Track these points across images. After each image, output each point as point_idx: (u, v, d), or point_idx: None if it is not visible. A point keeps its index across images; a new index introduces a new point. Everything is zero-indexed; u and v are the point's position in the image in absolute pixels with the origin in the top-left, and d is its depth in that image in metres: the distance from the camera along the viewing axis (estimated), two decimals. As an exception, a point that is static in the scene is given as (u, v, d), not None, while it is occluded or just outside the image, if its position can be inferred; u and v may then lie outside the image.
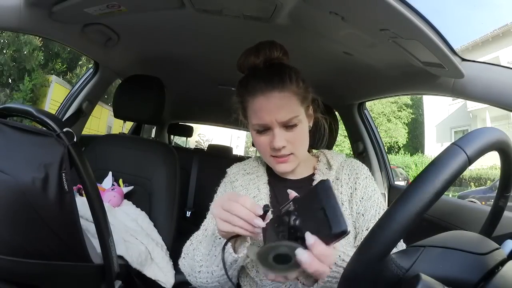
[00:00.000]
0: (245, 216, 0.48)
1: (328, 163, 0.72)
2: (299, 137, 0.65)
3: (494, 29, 11.07)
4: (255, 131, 0.66)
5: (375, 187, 0.69)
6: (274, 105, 0.61)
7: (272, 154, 0.65)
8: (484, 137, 0.35)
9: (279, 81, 0.62)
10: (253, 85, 0.63)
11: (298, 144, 0.65)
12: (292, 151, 0.65)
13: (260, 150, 0.67)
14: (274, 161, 0.66)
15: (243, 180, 0.74)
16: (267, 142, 0.64)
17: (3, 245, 0.53)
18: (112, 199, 1.06)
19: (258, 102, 0.62)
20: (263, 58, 0.65)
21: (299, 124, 0.64)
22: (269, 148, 0.64)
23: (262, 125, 0.63)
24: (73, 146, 0.60)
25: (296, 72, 0.65)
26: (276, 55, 0.66)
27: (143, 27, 1.07)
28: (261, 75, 0.63)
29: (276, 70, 0.64)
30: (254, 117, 0.64)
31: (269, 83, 0.61)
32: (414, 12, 0.61)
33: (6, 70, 6.84)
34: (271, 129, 0.63)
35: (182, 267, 0.68)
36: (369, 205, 0.65)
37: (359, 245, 0.36)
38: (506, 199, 0.46)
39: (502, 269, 0.36)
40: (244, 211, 0.49)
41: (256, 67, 0.65)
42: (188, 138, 2.82)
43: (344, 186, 0.68)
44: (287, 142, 0.63)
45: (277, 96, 0.61)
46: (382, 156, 1.53)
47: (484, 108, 11.13)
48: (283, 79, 0.62)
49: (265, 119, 0.62)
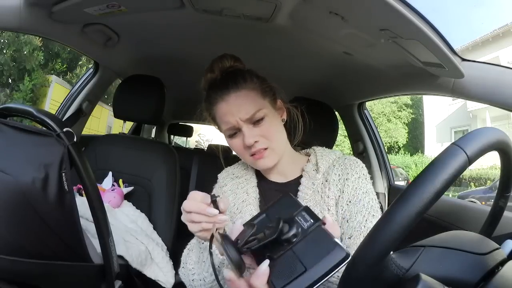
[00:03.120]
0: (197, 209, 0.49)
1: (316, 164, 0.69)
2: (269, 130, 0.65)
3: (494, 29, 11.07)
4: (228, 137, 0.68)
5: (367, 189, 0.64)
6: (233, 105, 0.64)
7: (249, 154, 0.66)
8: (484, 137, 0.35)
9: (233, 84, 0.65)
10: (213, 96, 0.66)
11: (271, 137, 0.65)
12: (267, 145, 0.65)
13: (238, 153, 0.68)
14: (253, 159, 0.66)
15: (232, 184, 0.74)
16: (240, 143, 0.65)
17: (3, 245, 0.53)
18: (112, 200, 1.06)
19: (220, 108, 0.65)
20: (218, 71, 0.68)
21: (265, 117, 0.65)
22: (243, 149, 0.65)
23: (230, 128, 0.65)
24: (73, 146, 0.60)
25: (250, 71, 0.69)
26: (228, 64, 0.69)
27: (143, 27, 1.07)
28: (217, 85, 0.67)
29: (229, 75, 0.67)
30: (221, 123, 0.67)
31: (225, 88, 0.65)
32: (414, 12, 0.61)
33: (6, 70, 6.84)
34: (239, 130, 0.65)
35: (182, 277, 0.68)
36: (356, 210, 0.61)
37: (359, 245, 0.36)
38: (506, 199, 0.46)
39: (502, 269, 0.36)
40: (195, 204, 0.49)
41: (214, 80, 0.68)
42: (188, 138, 2.82)
43: (333, 188, 0.64)
44: (259, 137, 0.64)
45: (234, 96, 0.64)
46: (382, 156, 1.53)
47: (484, 108, 11.13)
48: (236, 80, 0.65)
49: (230, 121, 0.64)
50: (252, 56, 1.23)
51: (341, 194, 0.64)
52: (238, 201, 0.70)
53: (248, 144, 0.63)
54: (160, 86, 1.20)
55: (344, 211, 0.62)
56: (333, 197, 0.64)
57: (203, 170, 2.02)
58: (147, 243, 0.98)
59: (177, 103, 2.15)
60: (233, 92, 0.64)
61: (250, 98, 0.65)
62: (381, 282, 0.36)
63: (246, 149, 0.65)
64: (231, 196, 0.71)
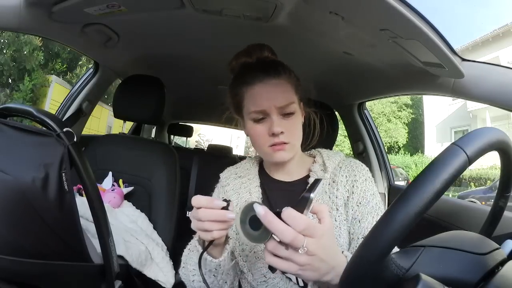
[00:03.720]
0: (217, 217, 0.49)
1: (323, 164, 0.70)
2: (295, 127, 0.66)
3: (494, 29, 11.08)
4: (252, 121, 0.65)
5: (374, 191, 0.67)
6: (271, 90, 0.63)
7: (270, 143, 0.64)
8: (484, 137, 0.35)
9: (274, 70, 0.65)
10: (249, 76, 0.65)
11: (294, 134, 0.66)
12: (289, 139, 0.64)
13: (257, 141, 0.66)
14: (272, 150, 0.65)
15: (234, 184, 0.73)
16: (265, 130, 0.64)
17: (3, 244, 0.53)
18: (112, 200, 1.06)
19: (256, 89, 0.64)
20: (255, 58, 0.68)
21: (295, 113, 0.65)
22: (267, 137, 0.64)
23: (260, 111, 0.63)
24: (73, 146, 0.60)
25: (287, 65, 0.69)
26: (266, 54, 0.69)
27: (143, 27, 1.07)
28: (257, 67, 0.66)
29: (269, 63, 0.67)
30: (252, 104, 0.64)
31: (265, 72, 0.64)
32: (414, 12, 0.61)
33: (6, 70, 6.84)
34: (268, 116, 0.63)
35: (182, 276, 0.68)
36: (366, 211, 0.63)
37: (359, 245, 0.36)
38: (506, 199, 0.46)
39: (502, 269, 0.36)
40: (214, 213, 0.49)
41: (250, 64, 0.68)
42: (188, 138, 2.82)
43: (341, 189, 0.66)
44: (285, 129, 0.63)
45: (274, 83, 0.63)
46: (382, 156, 1.53)
47: (484, 108, 11.13)
48: (277, 69, 0.65)
49: (263, 105, 0.63)
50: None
51: (350, 195, 0.65)
52: (241, 201, 0.70)
53: (275, 132, 0.62)
54: (160, 86, 1.20)
55: (355, 212, 0.64)
56: (341, 198, 0.65)
57: (203, 170, 2.02)
58: (147, 243, 0.98)
59: (177, 103, 2.15)
60: (274, 78, 0.64)
61: (288, 89, 0.65)
62: (381, 282, 0.36)
63: (268, 138, 0.64)
64: (234, 196, 0.71)
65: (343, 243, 0.63)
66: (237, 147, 15.37)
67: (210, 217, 0.49)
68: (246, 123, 0.67)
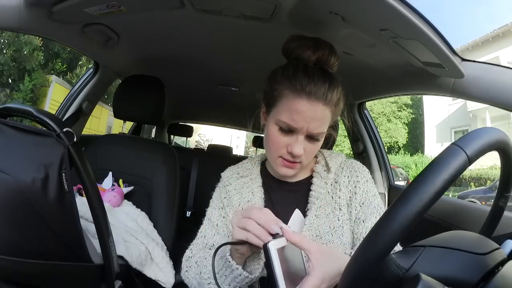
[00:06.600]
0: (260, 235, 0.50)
1: (326, 165, 0.70)
2: (315, 149, 0.64)
3: (494, 29, 11.09)
4: (276, 126, 0.62)
5: (375, 192, 0.68)
6: (313, 114, 0.59)
7: (283, 156, 0.63)
8: (484, 137, 0.35)
9: (327, 93, 0.59)
10: (301, 83, 0.59)
11: (311, 156, 0.65)
12: (303, 161, 0.64)
13: (272, 147, 0.64)
14: (281, 163, 0.64)
15: (236, 183, 0.72)
16: (285, 142, 0.62)
17: (3, 245, 0.53)
18: (112, 199, 1.06)
19: (299, 104, 0.58)
20: (318, 58, 0.62)
21: (320, 139, 0.63)
22: (284, 150, 0.62)
23: (291, 126, 0.60)
24: (73, 146, 0.60)
25: (340, 88, 0.62)
26: (331, 62, 0.63)
27: (143, 27, 1.07)
28: (313, 76, 0.59)
29: (328, 78, 0.60)
30: (286, 115, 0.60)
31: (318, 90, 0.58)
32: (414, 12, 0.61)
33: (6, 70, 6.85)
34: (295, 132, 0.61)
35: (186, 280, 0.68)
36: (369, 211, 0.64)
37: (359, 245, 0.36)
38: (506, 199, 0.46)
39: (502, 269, 0.36)
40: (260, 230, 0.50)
41: (307, 64, 0.62)
42: (188, 138, 2.82)
43: (343, 189, 0.66)
44: (304, 152, 0.62)
45: (320, 108, 0.59)
46: (382, 156, 1.53)
47: (484, 108, 11.14)
48: (328, 92, 0.59)
49: (297, 124, 0.59)
50: (252, 56, 1.23)
51: (353, 196, 0.66)
52: (243, 201, 0.70)
53: (296, 153, 0.60)
54: (160, 86, 1.20)
55: (358, 212, 0.65)
56: (344, 198, 0.66)
57: (203, 170, 2.02)
58: (147, 243, 0.98)
59: (177, 103, 2.15)
60: (322, 103, 0.59)
61: (328, 119, 0.62)
62: (381, 282, 0.36)
63: (284, 150, 0.62)
64: (236, 196, 0.71)
65: (346, 242, 0.63)
66: (237, 147, 15.38)
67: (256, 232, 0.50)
68: (269, 121, 0.64)
